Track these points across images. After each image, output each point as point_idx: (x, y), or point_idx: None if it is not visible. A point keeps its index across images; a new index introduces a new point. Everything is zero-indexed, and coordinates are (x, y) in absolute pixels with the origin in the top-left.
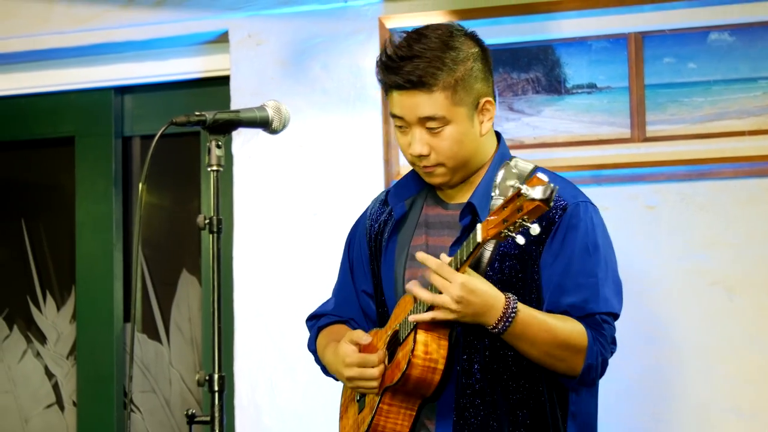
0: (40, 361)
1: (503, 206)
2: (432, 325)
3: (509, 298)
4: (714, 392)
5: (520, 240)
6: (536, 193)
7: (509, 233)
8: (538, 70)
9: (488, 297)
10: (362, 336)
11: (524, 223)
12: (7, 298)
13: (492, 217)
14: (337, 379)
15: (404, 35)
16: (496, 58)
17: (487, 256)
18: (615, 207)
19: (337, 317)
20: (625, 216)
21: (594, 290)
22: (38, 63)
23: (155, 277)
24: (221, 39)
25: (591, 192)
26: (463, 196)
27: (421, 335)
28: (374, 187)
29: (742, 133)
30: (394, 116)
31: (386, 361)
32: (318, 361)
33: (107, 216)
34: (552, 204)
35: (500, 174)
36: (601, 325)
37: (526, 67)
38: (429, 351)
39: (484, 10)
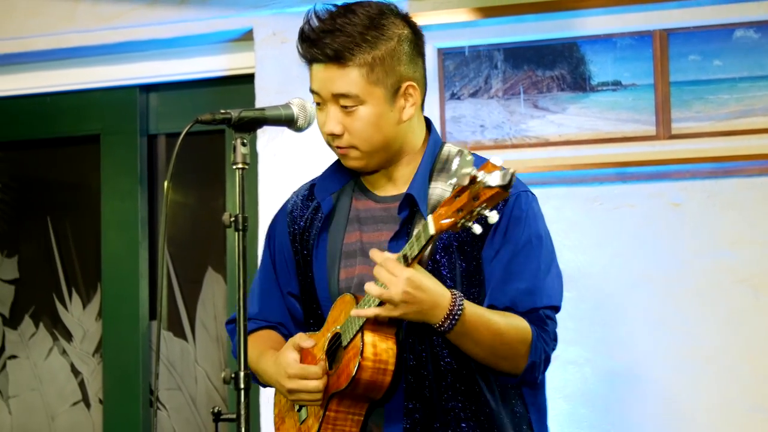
0: (66, 358)
1: (456, 195)
2: (378, 325)
3: (455, 295)
4: (740, 391)
5: (477, 229)
6: (494, 179)
7: (465, 223)
8: (563, 67)
9: (434, 294)
10: (304, 339)
11: (481, 211)
12: (34, 296)
13: (443, 209)
14: (265, 386)
15: (331, 7)
16: (521, 55)
17: (427, 249)
18: (640, 204)
19: (263, 322)
20: (650, 213)
21: (537, 284)
22: (63, 61)
23: (181, 274)
24: (246, 37)
25: (616, 189)
26: (395, 188)
27: (369, 336)
28: None
29: (767, 131)
30: (312, 92)
31: (327, 367)
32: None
33: (133, 214)
34: (511, 190)
35: (455, 162)
36: (545, 321)
37: (551, 64)
38: (378, 352)
39: (509, 8)
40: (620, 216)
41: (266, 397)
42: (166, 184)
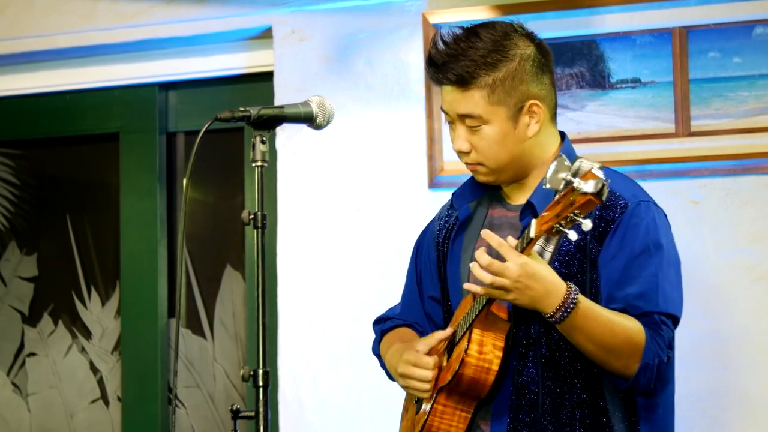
0: (85, 356)
1: (557, 201)
2: (489, 324)
3: (570, 287)
4: (761, 388)
5: (573, 236)
6: (588, 186)
7: (561, 228)
8: (582, 65)
9: (548, 283)
10: (440, 332)
11: (576, 218)
12: (53, 294)
13: (546, 213)
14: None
15: (457, 30)
16: None
17: (547, 257)
18: (659, 202)
19: (400, 320)
20: (669, 211)
21: (653, 288)
22: (83, 59)
23: (199, 272)
24: (265, 35)
25: None
26: (525, 196)
27: (477, 334)
28: (418, 182)
29: None
30: (442, 110)
31: (443, 363)
32: (382, 364)
33: (152, 212)
34: (605, 198)
35: (551, 167)
36: (659, 326)
37: (570, 62)
38: (483, 351)
39: (528, 5)
40: None
41: (285, 395)
42: (185, 181)
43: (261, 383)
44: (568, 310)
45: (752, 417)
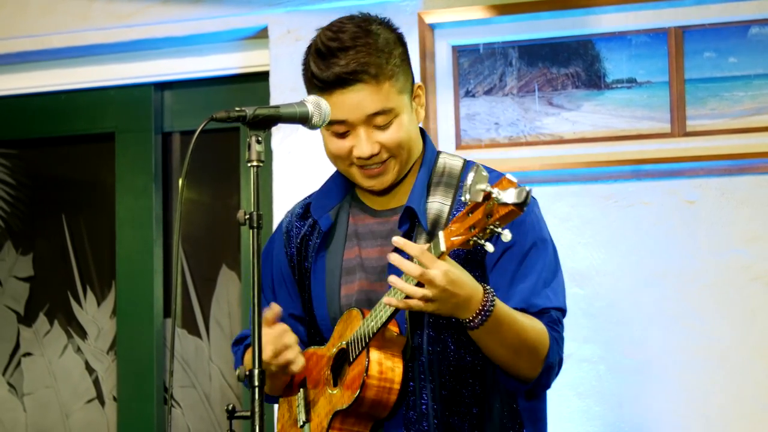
0: (80, 356)
1: (468, 212)
2: (385, 341)
3: (487, 290)
4: (755, 388)
5: (490, 248)
6: (509, 196)
7: (478, 241)
8: (577, 64)
9: (469, 288)
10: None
11: (495, 229)
12: (48, 294)
13: (455, 225)
14: (271, 401)
15: (325, 31)
16: (535, 52)
17: None
18: (655, 202)
19: None
20: (664, 211)
21: (546, 285)
22: (78, 59)
23: (195, 272)
24: (260, 35)
25: (631, 187)
26: (392, 201)
27: (375, 353)
28: None
29: None
30: (331, 123)
31: (332, 383)
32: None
33: (147, 212)
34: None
35: (470, 178)
36: (557, 323)
37: (565, 62)
38: (383, 370)
39: (523, 5)
40: (634, 213)
41: None
42: (180, 181)
43: (257, 383)
44: (487, 313)
45: (747, 416)
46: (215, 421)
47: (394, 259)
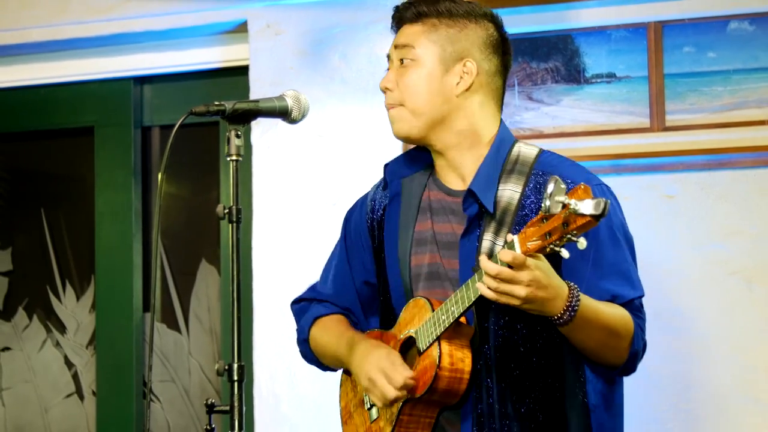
0: (59, 350)
1: (543, 218)
2: (454, 333)
3: (572, 287)
4: (733, 382)
5: (565, 254)
6: (586, 207)
7: (554, 248)
8: (557, 59)
9: (555, 288)
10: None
11: (572, 238)
12: (27, 288)
13: (531, 229)
14: (333, 370)
15: None
16: (515, 47)
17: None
18: (634, 196)
19: (335, 306)
20: (644, 205)
21: (628, 276)
22: (57, 53)
23: (174, 266)
24: (240, 29)
25: (610, 181)
26: (464, 183)
27: (445, 345)
28: None
29: (761, 123)
30: (388, 57)
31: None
32: (307, 348)
33: (126, 206)
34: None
35: (549, 189)
36: (640, 310)
37: (545, 56)
38: (454, 361)
39: (503, 0)
40: None
41: (260, 389)
42: (160, 175)
43: (236, 377)
44: (574, 311)
45: (726, 410)
46: (194, 415)
47: (486, 264)
